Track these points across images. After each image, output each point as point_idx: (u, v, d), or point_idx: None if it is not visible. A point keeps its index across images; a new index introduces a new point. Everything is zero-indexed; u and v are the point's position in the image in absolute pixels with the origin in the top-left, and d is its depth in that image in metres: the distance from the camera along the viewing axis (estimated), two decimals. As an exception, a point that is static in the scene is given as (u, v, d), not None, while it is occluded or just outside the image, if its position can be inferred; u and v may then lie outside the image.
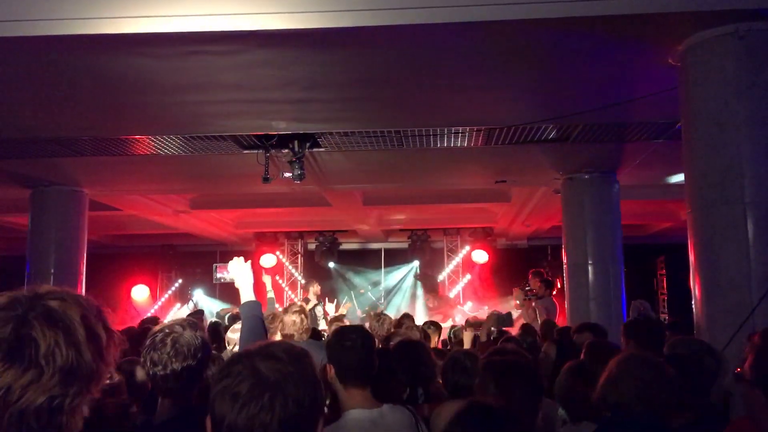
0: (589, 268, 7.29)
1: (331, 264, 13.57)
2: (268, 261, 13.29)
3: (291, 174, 6.16)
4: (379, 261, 14.02)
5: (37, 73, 4.39)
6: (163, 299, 14.23)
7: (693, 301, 3.94)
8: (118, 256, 13.59)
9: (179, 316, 13.18)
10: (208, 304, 13.93)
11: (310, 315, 6.05)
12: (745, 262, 3.56)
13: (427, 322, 6.66)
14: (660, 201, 10.42)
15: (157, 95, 4.85)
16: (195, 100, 4.98)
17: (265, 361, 1.28)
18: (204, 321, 7.61)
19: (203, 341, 2.31)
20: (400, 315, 6.71)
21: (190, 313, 10.10)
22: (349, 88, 4.76)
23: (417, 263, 13.53)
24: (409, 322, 5.93)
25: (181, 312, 13.47)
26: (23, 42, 3.73)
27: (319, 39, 3.82)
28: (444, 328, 7.39)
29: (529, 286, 9.00)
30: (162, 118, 5.47)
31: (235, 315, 4.91)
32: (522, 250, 13.93)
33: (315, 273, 13.69)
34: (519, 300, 8.87)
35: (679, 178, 7.33)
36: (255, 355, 1.31)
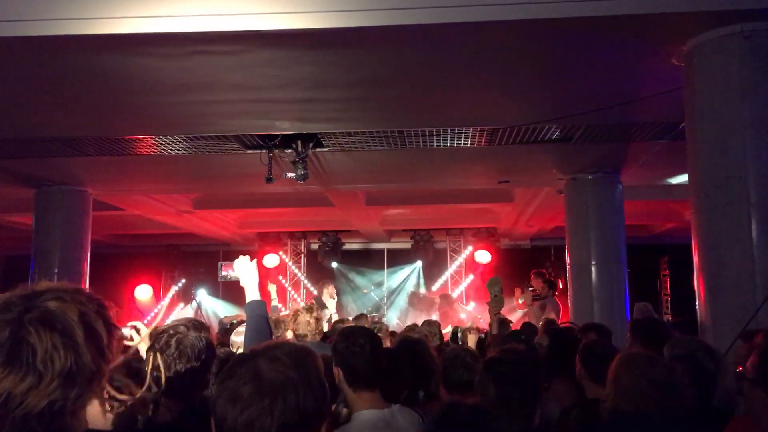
0: (593, 268, 7.27)
1: (334, 264, 13.56)
2: (271, 261, 13.30)
3: (294, 174, 6.16)
4: (382, 261, 14.00)
5: (42, 74, 4.40)
6: (167, 299, 14.24)
7: (697, 302, 3.93)
8: (121, 255, 13.60)
9: (182, 316, 13.21)
10: (211, 304, 13.95)
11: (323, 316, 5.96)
12: (749, 262, 3.55)
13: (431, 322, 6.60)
14: (664, 201, 10.38)
15: (161, 95, 4.86)
16: (199, 100, 4.98)
17: (269, 364, 1.29)
18: (211, 330, 7.54)
19: (208, 342, 2.31)
20: (401, 316, 6.61)
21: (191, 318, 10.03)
22: (353, 88, 4.76)
23: (420, 263, 13.52)
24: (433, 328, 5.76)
25: (185, 312, 13.49)
26: (28, 42, 3.74)
27: (323, 39, 3.82)
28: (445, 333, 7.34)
29: (532, 286, 9.00)
30: (166, 118, 5.48)
31: (241, 321, 4.90)
32: (525, 250, 13.91)
33: (318, 273, 13.70)
34: (527, 300, 8.86)
35: (683, 178, 7.31)
36: (259, 357, 1.31)
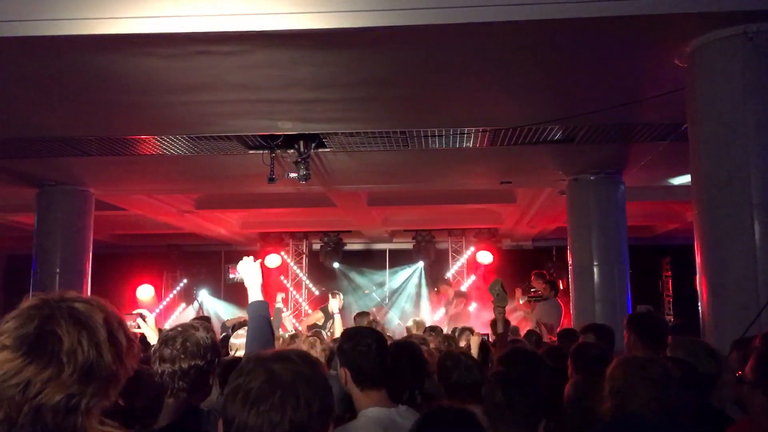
0: (595, 269, 7.27)
1: (336, 264, 13.56)
2: (272, 261, 13.30)
3: (296, 174, 6.16)
4: (384, 261, 14.00)
5: (45, 74, 4.40)
6: (168, 299, 14.24)
7: (699, 303, 3.92)
8: (123, 255, 13.59)
9: (183, 316, 13.23)
10: (213, 304, 13.94)
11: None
12: (752, 263, 3.54)
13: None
14: (666, 202, 10.36)
15: (164, 95, 4.87)
16: (201, 100, 4.98)
17: (279, 363, 1.29)
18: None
19: (214, 342, 2.31)
20: (403, 315, 6.58)
21: (195, 318, 10.05)
22: (355, 88, 4.76)
23: (421, 264, 13.51)
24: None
25: (186, 313, 13.49)
26: (31, 42, 3.74)
27: (326, 39, 3.82)
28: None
29: (534, 287, 8.97)
30: (168, 118, 5.48)
31: (242, 323, 4.89)
32: (527, 251, 13.90)
33: (319, 273, 13.70)
34: (522, 301, 8.84)
35: (686, 179, 7.31)
36: (269, 358, 1.32)
